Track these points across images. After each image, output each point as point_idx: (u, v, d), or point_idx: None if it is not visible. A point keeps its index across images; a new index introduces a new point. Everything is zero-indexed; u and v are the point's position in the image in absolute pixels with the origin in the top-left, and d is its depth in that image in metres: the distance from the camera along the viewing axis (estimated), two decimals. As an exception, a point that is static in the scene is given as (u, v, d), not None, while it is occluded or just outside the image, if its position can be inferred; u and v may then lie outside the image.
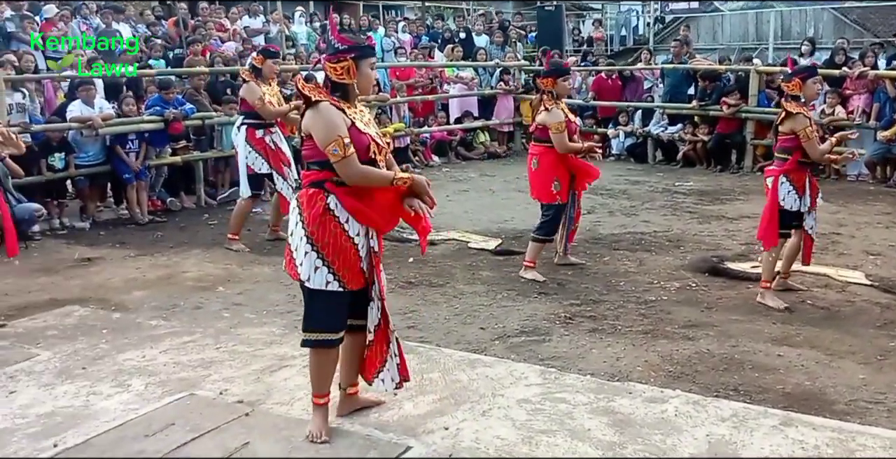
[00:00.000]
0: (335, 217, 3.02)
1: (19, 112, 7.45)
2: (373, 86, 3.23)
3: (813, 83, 4.79)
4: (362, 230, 3.07)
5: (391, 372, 3.24)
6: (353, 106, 3.11)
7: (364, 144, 3.02)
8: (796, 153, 4.76)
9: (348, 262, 3.04)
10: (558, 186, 5.48)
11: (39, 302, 5.13)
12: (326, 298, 3.05)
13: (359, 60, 3.05)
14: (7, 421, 3.38)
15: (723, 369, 3.88)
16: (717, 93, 10.29)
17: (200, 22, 11.45)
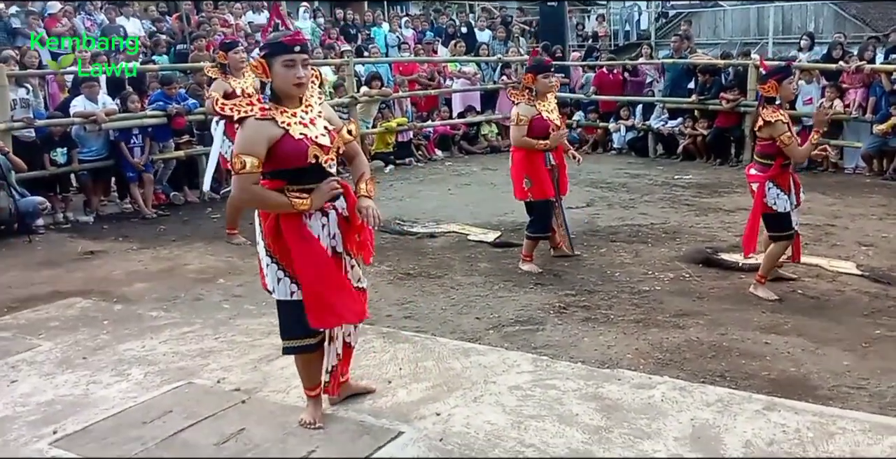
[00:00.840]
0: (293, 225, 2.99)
1: (23, 107, 7.54)
2: (295, 85, 2.90)
3: (788, 83, 4.76)
4: (323, 233, 3.03)
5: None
6: (294, 105, 2.98)
7: (301, 151, 2.91)
8: (779, 158, 4.76)
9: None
10: (529, 183, 5.48)
11: (42, 295, 5.22)
12: (294, 307, 3.05)
13: (270, 58, 2.90)
14: (8, 410, 3.46)
15: (710, 356, 3.93)
16: (717, 87, 10.32)
17: (204, 18, 11.53)
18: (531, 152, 5.46)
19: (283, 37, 2.98)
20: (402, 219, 7.31)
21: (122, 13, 10.95)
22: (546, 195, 5.53)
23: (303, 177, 2.97)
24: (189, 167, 8.59)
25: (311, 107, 3.03)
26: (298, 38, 3.00)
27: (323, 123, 3.03)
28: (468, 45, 12.88)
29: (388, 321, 4.55)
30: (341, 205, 3.11)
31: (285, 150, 2.90)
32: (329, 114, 3.12)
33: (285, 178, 2.96)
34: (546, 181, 5.50)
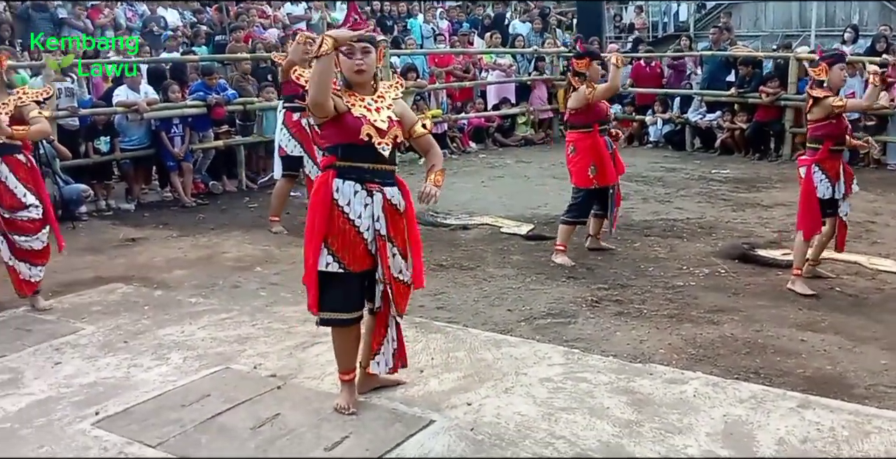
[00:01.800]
0: (336, 200, 3.11)
1: (68, 96, 7.70)
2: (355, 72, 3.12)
3: (839, 69, 4.74)
4: (365, 212, 3.14)
5: (385, 355, 3.33)
6: (367, 93, 3.17)
7: (356, 127, 3.09)
8: (827, 141, 4.74)
9: (348, 244, 3.12)
10: (594, 171, 5.51)
11: (85, 280, 5.36)
12: (330, 278, 3.15)
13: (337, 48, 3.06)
14: (53, 390, 3.57)
15: (745, 353, 3.91)
16: (757, 80, 10.16)
17: (243, 9, 11.65)
18: (595, 139, 5.47)
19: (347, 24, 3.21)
20: (436, 210, 7.33)
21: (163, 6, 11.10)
22: (608, 181, 5.56)
23: (355, 154, 3.13)
24: (228, 157, 8.71)
25: (382, 99, 3.20)
26: (360, 25, 3.23)
27: (388, 114, 3.18)
28: (504, 37, 12.85)
29: (420, 311, 4.58)
30: (391, 193, 3.21)
31: (343, 124, 3.09)
32: (402, 109, 3.29)
33: (338, 154, 3.13)
34: (609, 166, 5.54)
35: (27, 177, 4.67)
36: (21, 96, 4.65)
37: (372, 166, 3.16)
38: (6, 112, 4.56)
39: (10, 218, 4.61)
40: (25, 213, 4.64)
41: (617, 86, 5.62)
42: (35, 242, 4.70)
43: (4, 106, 4.57)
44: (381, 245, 3.17)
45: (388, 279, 3.21)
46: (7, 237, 4.64)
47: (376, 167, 3.17)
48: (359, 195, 3.13)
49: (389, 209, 3.19)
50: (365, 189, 3.14)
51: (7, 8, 9.94)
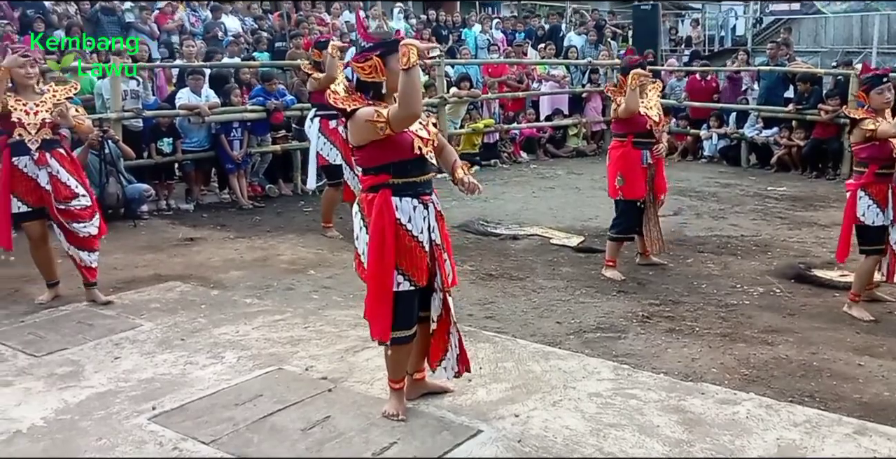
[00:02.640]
0: (398, 219, 3.11)
1: (133, 98, 7.94)
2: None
3: (878, 93, 4.59)
4: (424, 226, 3.16)
5: (451, 361, 3.35)
6: (388, 104, 3.09)
7: (407, 142, 3.05)
8: (872, 165, 4.60)
9: (415, 260, 3.14)
10: (621, 181, 5.48)
11: (145, 277, 5.51)
12: (399, 299, 3.16)
13: (385, 57, 3.05)
14: (112, 384, 3.69)
15: (800, 375, 3.84)
16: (816, 97, 9.97)
17: (303, 16, 11.85)
18: (628, 149, 5.46)
19: (395, 35, 3.15)
20: (486, 219, 7.37)
21: (225, 12, 11.36)
22: (636, 195, 5.52)
23: (408, 170, 3.11)
24: (285, 161, 8.88)
25: None
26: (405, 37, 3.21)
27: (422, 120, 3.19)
28: (558, 48, 12.84)
29: (469, 320, 4.61)
30: (436, 199, 3.26)
31: (393, 140, 3.04)
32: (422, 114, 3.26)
33: (391, 172, 3.09)
34: (639, 180, 5.49)
35: (72, 168, 4.88)
36: (55, 94, 4.84)
37: (423, 178, 3.17)
38: (46, 109, 4.76)
39: (64, 208, 4.79)
40: (77, 202, 4.83)
41: (630, 108, 5.38)
42: (91, 228, 4.89)
43: (43, 104, 4.77)
44: (437, 254, 3.21)
45: (446, 286, 3.24)
46: (63, 227, 4.81)
47: (425, 178, 3.18)
48: (417, 210, 3.14)
49: (439, 217, 3.24)
50: (421, 202, 3.15)
51: (78, 11, 10.29)
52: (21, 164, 4.73)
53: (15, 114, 4.67)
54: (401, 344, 3.26)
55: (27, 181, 4.75)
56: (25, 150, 4.72)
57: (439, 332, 3.32)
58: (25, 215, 4.82)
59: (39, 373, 3.81)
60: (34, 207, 4.81)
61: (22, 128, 4.68)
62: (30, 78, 4.74)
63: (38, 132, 4.72)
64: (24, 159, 4.73)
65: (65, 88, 4.94)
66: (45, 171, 4.74)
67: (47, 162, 4.75)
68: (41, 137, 4.74)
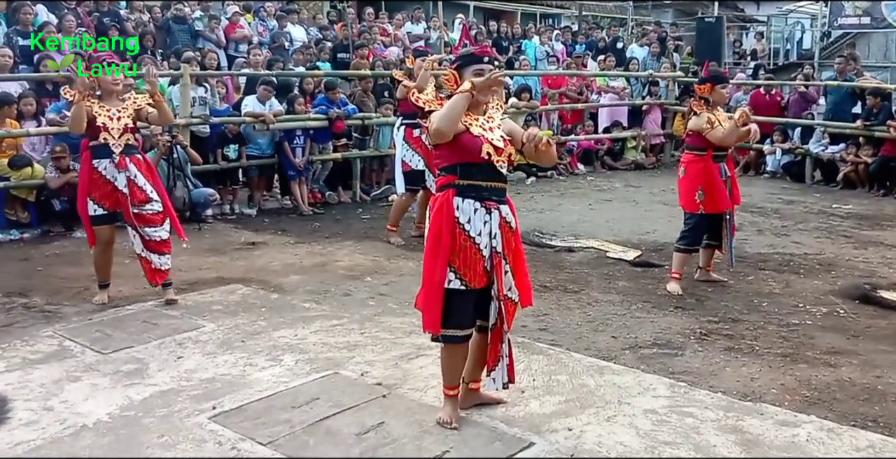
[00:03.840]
0: (457, 218, 3.18)
1: (201, 105, 8.19)
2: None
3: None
4: (484, 229, 3.21)
5: (501, 371, 3.34)
6: (479, 113, 3.25)
7: (477, 146, 3.17)
8: None
9: (469, 261, 3.19)
10: (702, 195, 5.42)
11: (208, 279, 5.66)
12: (450, 296, 3.21)
13: (461, 69, 3.24)
14: (174, 383, 3.80)
15: (863, 399, 3.74)
16: (885, 113, 9.68)
17: (366, 27, 12.04)
18: (708, 164, 5.41)
19: (473, 49, 3.35)
20: (542, 231, 7.36)
21: (291, 22, 11.60)
22: (719, 208, 5.47)
23: (474, 173, 3.21)
24: (344, 169, 9.02)
25: (492, 119, 3.30)
26: (487, 50, 3.41)
27: (500, 133, 3.28)
28: (618, 60, 12.75)
29: (523, 331, 4.60)
30: (505, 210, 3.29)
31: (463, 143, 3.17)
32: (510, 127, 3.36)
33: (457, 173, 3.21)
34: (722, 193, 5.44)
35: (147, 173, 5.06)
36: (136, 101, 5.05)
37: (490, 184, 3.24)
38: (128, 115, 4.96)
39: (138, 212, 4.96)
40: (150, 207, 5.00)
41: (728, 142, 5.38)
42: (162, 232, 5.05)
43: (125, 110, 4.97)
44: (497, 261, 3.23)
45: (501, 295, 3.25)
46: (138, 231, 4.98)
47: (493, 185, 3.25)
48: (478, 213, 3.20)
49: (504, 226, 3.26)
50: (484, 207, 3.21)
51: (151, 19, 10.65)
52: (101, 167, 4.91)
53: (100, 118, 4.87)
54: (454, 344, 3.29)
55: (105, 184, 4.93)
56: (108, 153, 4.90)
57: (493, 341, 3.33)
58: (99, 218, 5.00)
59: (106, 370, 3.95)
60: (109, 211, 4.99)
61: (106, 132, 4.88)
62: (116, 85, 4.95)
63: (120, 136, 4.93)
64: (104, 162, 4.91)
65: (144, 96, 5.13)
66: (124, 175, 4.92)
67: (127, 166, 4.93)
68: (124, 142, 4.95)
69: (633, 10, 20.00)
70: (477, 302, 3.29)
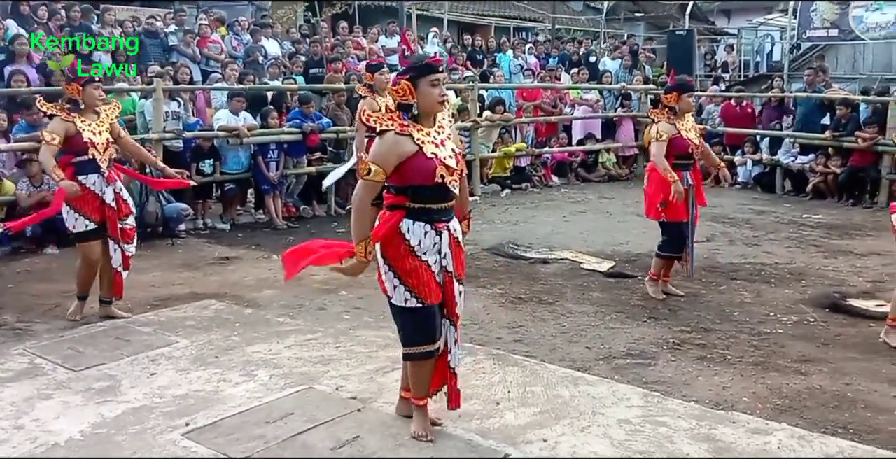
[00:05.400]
0: (406, 239, 3.16)
1: (174, 119, 8.15)
2: (440, 102, 3.18)
3: None
4: (432, 250, 3.19)
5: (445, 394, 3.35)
6: (430, 124, 3.19)
7: (430, 169, 3.11)
8: None
9: (421, 279, 3.18)
10: (664, 204, 5.49)
11: (181, 295, 5.61)
12: (411, 314, 3.21)
13: (416, 80, 3.13)
14: (147, 399, 3.76)
15: (833, 406, 3.79)
16: (853, 124, 9.87)
17: (339, 41, 12.06)
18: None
19: (427, 59, 3.25)
20: (516, 243, 7.39)
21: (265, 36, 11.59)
22: (679, 217, 5.54)
23: (427, 196, 3.17)
24: (319, 182, 8.95)
25: (443, 129, 3.25)
26: (440, 59, 3.33)
27: (451, 146, 3.24)
28: (592, 73, 12.89)
29: (498, 343, 4.63)
30: (454, 226, 3.29)
31: (416, 167, 3.11)
32: (455, 137, 3.33)
33: (409, 195, 3.16)
34: (681, 202, 5.51)
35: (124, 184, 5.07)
36: (108, 114, 5.01)
37: (441, 206, 3.20)
38: (105, 129, 4.94)
39: (121, 227, 4.94)
40: (129, 221, 5.01)
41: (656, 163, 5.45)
42: (133, 248, 5.06)
43: (102, 124, 4.94)
44: (447, 280, 3.23)
45: (453, 316, 3.26)
46: (120, 246, 4.95)
47: (445, 206, 3.22)
48: (429, 235, 3.19)
49: (454, 243, 3.26)
50: (434, 229, 3.19)
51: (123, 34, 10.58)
52: (89, 182, 4.86)
53: (85, 134, 4.83)
54: (418, 360, 3.28)
55: (94, 199, 4.87)
56: (95, 169, 4.87)
57: (439, 362, 3.31)
58: (90, 233, 4.92)
59: (78, 387, 3.90)
60: (98, 225, 4.91)
61: (93, 147, 4.84)
62: (101, 101, 4.94)
63: (105, 151, 4.91)
64: (92, 177, 4.87)
65: (110, 107, 5.10)
66: (112, 189, 4.90)
67: (116, 179, 4.93)
68: (109, 156, 4.94)
69: (605, 24, 20.31)
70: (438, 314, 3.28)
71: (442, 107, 3.23)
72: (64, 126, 4.80)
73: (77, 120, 4.84)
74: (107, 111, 5.03)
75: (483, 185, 10.54)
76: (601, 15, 20.52)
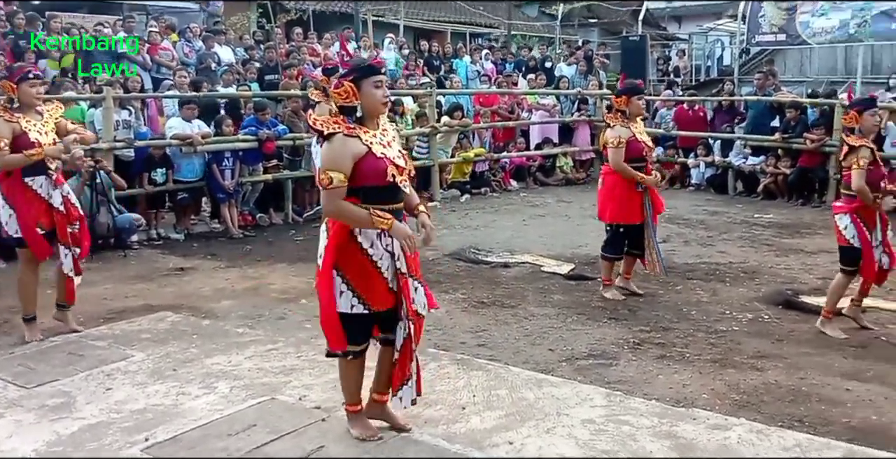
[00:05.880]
0: (358, 243, 3.14)
1: (125, 128, 8.00)
2: (383, 104, 3.18)
3: (870, 115, 4.78)
4: (386, 254, 3.17)
5: (411, 388, 3.32)
6: (374, 127, 3.18)
7: (381, 169, 3.10)
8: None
9: (372, 286, 3.16)
10: (618, 207, 5.58)
11: (136, 307, 5.50)
12: (350, 318, 3.18)
13: (359, 81, 3.11)
14: (104, 415, 3.67)
15: (789, 400, 3.88)
16: (802, 126, 10.14)
17: (294, 47, 11.97)
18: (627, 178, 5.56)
19: (370, 61, 3.27)
20: (477, 247, 7.42)
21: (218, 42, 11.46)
22: (632, 220, 5.61)
23: (378, 196, 3.15)
24: (276, 190, 8.92)
25: (387, 132, 3.25)
26: (381, 61, 3.32)
27: (398, 147, 3.25)
28: (548, 78, 13.02)
29: (462, 348, 4.63)
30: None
31: (367, 168, 3.10)
32: (398, 142, 3.33)
33: (360, 195, 3.12)
34: (636, 206, 5.59)
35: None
36: (51, 113, 4.86)
37: (392, 207, 3.18)
38: (51, 129, 4.78)
39: (71, 231, 4.79)
40: (78, 225, 4.87)
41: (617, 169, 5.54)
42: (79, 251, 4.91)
43: (46, 124, 4.79)
44: (403, 282, 3.20)
45: (412, 315, 3.23)
46: (71, 250, 4.79)
47: (396, 207, 3.20)
48: (381, 237, 3.17)
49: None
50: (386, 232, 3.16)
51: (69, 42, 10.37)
52: (36, 185, 4.69)
53: (31, 134, 4.64)
54: (349, 360, 3.28)
55: (40, 203, 4.70)
56: (42, 170, 4.69)
57: (401, 361, 3.28)
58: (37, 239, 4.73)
59: (30, 405, 3.79)
60: (47, 231, 4.75)
61: (40, 148, 4.63)
62: (39, 99, 4.76)
63: None
64: (39, 179, 4.69)
65: (53, 107, 4.94)
66: (59, 192, 4.75)
67: (63, 182, 4.79)
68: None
69: (560, 30, 20.53)
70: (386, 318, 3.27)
71: (385, 109, 3.23)
72: (9, 127, 4.59)
73: (21, 120, 4.66)
74: (50, 111, 4.87)
75: (443, 191, 10.56)
76: (556, 21, 20.74)
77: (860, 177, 4.65)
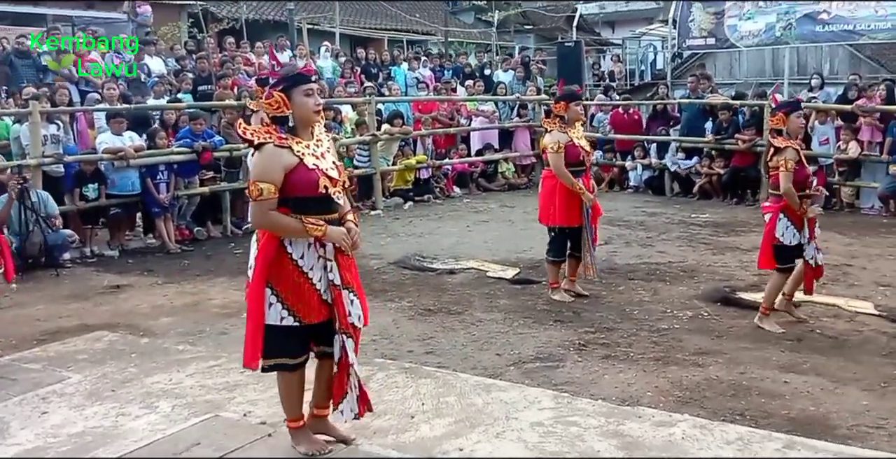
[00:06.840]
0: (289, 254, 3.09)
1: (53, 143, 7.75)
2: (316, 112, 3.13)
3: (797, 117, 4.95)
4: (318, 264, 3.11)
5: (350, 403, 3.24)
6: (308, 137, 3.13)
7: (313, 181, 3.05)
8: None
9: (303, 298, 3.09)
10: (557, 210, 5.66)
11: (70, 328, 5.33)
12: (280, 331, 3.11)
13: (289, 90, 3.07)
14: (40, 440, 3.53)
15: (730, 395, 3.97)
16: (734, 127, 10.43)
17: (227, 57, 11.79)
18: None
19: (299, 69, 3.20)
20: (422, 255, 7.41)
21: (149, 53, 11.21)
22: (572, 222, 5.68)
23: (309, 207, 3.09)
24: (213, 202, 8.75)
25: (321, 142, 3.19)
26: (312, 69, 3.28)
27: (332, 158, 3.19)
28: (486, 85, 13.12)
29: (409, 356, 4.61)
30: None
31: (298, 179, 3.04)
32: (334, 151, 3.27)
33: (291, 206, 3.06)
34: (575, 208, 5.66)
35: None
36: None
37: (324, 218, 3.11)
38: None
39: None
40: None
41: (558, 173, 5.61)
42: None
43: None
44: (336, 294, 3.14)
45: (347, 328, 3.16)
46: None
47: (328, 218, 3.13)
48: (312, 248, 3.11)
49: (341, 256, 3.17)
50: (318, 241, 3.10)
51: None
52: None
53: None
54: (287, 373, 3.20)
55: None
56: None
57: (339, 375, 3.20)
58: None
59: (-40, 433, 3.63)
60: None
61: None
62: None
63: None
64: None
65: None
66: None
67: None
68: None
69: (496, 36, 20.72)
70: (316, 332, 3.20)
71: (318, 117, 3.17)
72: None
73: None
74: None
75: (385, 199, 10.52)
76: (492, 28, 20.95)
77: (787, 179, 4.80)
